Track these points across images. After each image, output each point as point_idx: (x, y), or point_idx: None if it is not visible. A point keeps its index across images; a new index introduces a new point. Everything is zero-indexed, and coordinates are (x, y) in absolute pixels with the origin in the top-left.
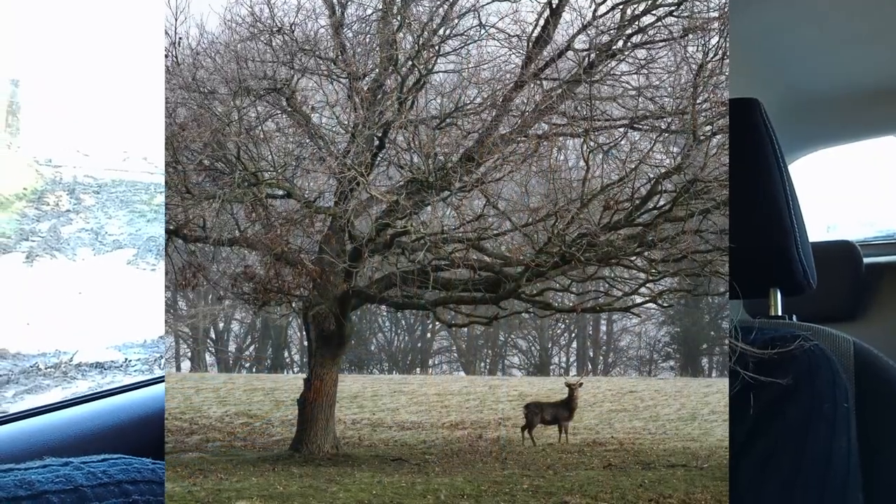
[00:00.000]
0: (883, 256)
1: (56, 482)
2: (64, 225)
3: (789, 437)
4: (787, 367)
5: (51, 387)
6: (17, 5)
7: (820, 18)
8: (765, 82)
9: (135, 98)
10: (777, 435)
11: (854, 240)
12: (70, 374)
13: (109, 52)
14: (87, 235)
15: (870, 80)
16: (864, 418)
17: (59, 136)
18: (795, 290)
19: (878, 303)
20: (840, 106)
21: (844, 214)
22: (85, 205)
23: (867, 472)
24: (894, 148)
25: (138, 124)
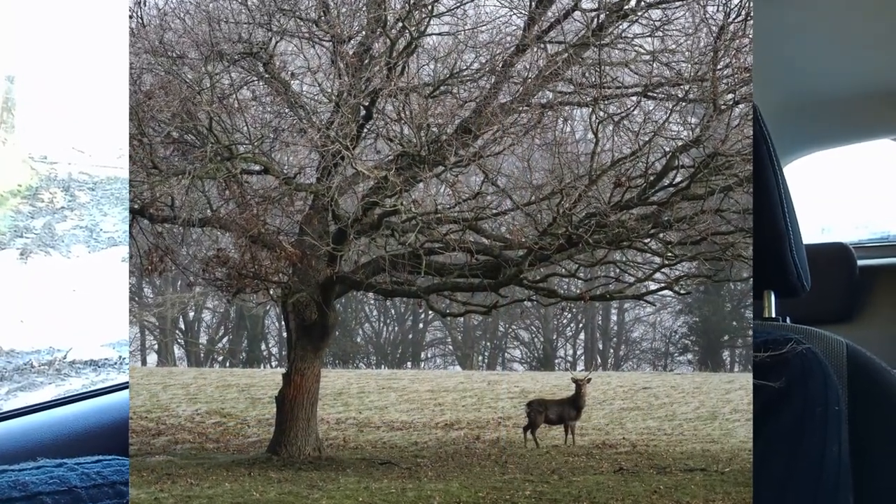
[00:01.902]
0: (877, 259)
1: (50, 483)
2: (59, 222)
3: (782, 439)
4: (780, 370)
5: (44, 384)
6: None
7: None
8: (760, 84)
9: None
10: (770, 437)
11: (848, 242)
12: (64, 372)
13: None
14: (82, 232)
15: (865, 82)
16: (857, 420)
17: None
18: (789, 292)
19: (872, 305)
20: (835, 108)
21: (839, 216)
22: (80, 202)
23: (859, 473)
24: (889, 150)
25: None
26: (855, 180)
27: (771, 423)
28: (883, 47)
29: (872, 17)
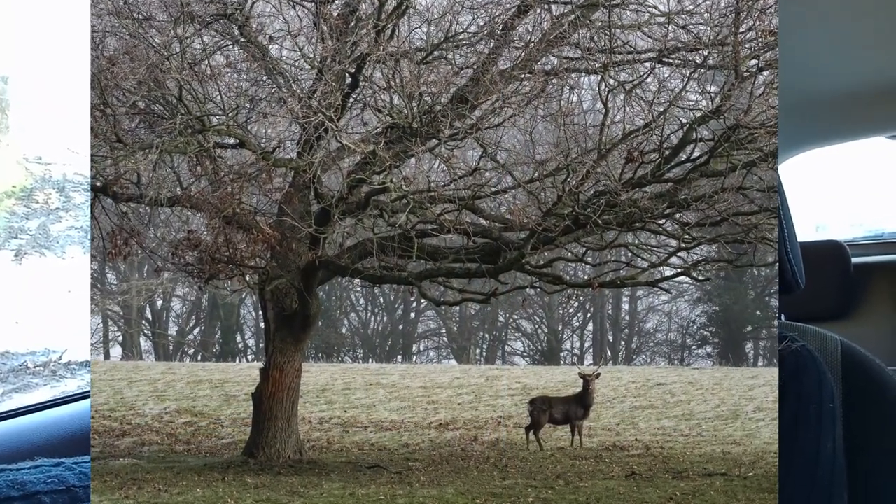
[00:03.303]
0: (872, 256)
1: (48, 482)
2: (53, 223)
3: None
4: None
5: (39, 385)
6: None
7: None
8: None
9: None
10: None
11: (843, 240)
12: (59, 373)
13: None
14: (77, 234)
15: (859, 80)
16: (851, 417)
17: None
18: (784, 289)
19: (867, 302)
20: (829, 106)
21: (833, 214)
22: (74, 202)
23: (853, 470)
24: (883, 148)
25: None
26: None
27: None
28: (877, 44)
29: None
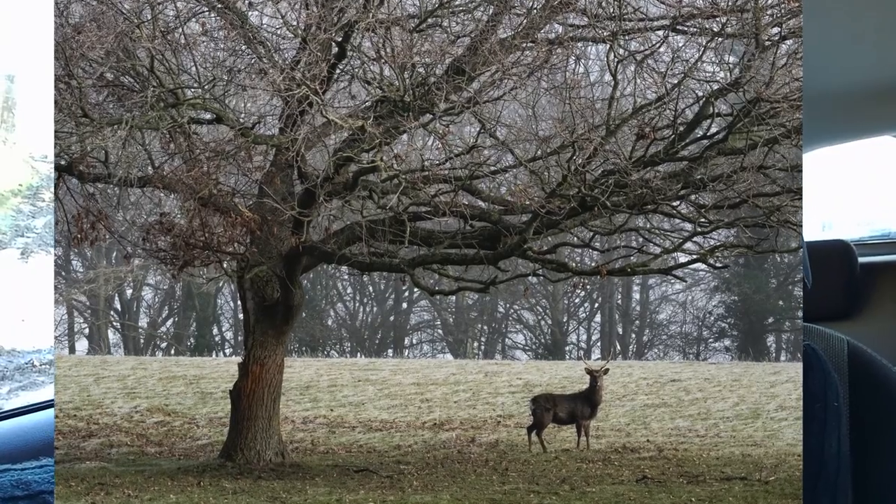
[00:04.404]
0: (878, 256)
1: (53, 482)
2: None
3: None
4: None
5: (45, 383)
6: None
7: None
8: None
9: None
10: None
11: (849, 239)
12: None
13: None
14: None
15: (867, 79)
16: (857, 417)
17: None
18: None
19: (874, 302)
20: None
21: (840, 213)
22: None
23: (859, 468)
24: (890, 147)
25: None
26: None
27: None
28: (883, 43)
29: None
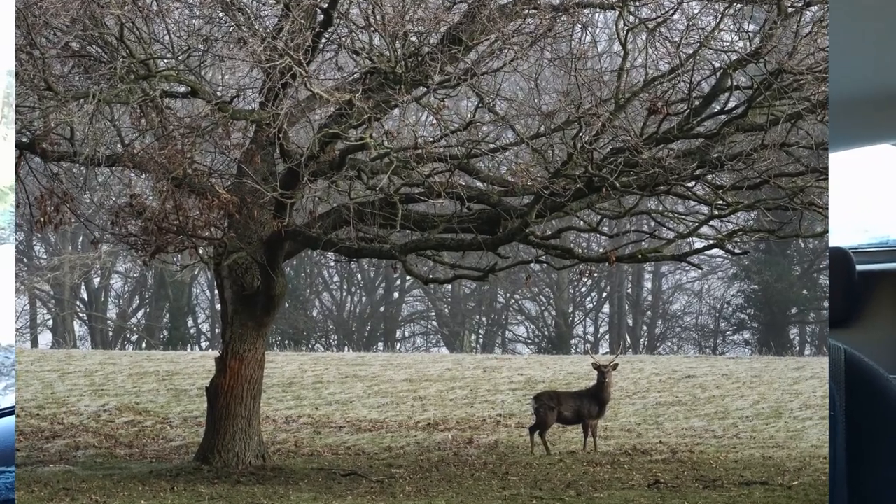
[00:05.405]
0: (877, 264)
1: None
2: None
3: None
4: None
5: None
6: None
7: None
8: None
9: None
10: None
11: (848, 246)
12: None
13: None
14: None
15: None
16: (855, 424)
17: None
18: None
19: (872, 310)
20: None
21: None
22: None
23: (855, 478)
24: (889, 155)
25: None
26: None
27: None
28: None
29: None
